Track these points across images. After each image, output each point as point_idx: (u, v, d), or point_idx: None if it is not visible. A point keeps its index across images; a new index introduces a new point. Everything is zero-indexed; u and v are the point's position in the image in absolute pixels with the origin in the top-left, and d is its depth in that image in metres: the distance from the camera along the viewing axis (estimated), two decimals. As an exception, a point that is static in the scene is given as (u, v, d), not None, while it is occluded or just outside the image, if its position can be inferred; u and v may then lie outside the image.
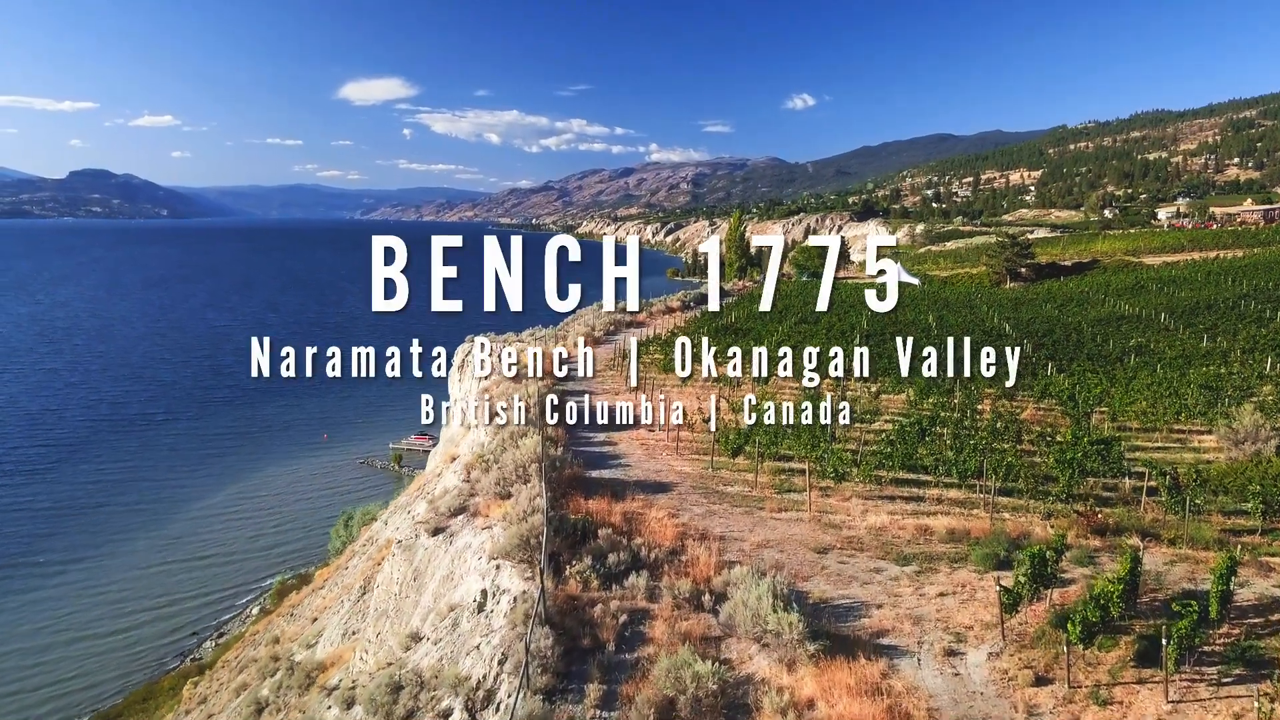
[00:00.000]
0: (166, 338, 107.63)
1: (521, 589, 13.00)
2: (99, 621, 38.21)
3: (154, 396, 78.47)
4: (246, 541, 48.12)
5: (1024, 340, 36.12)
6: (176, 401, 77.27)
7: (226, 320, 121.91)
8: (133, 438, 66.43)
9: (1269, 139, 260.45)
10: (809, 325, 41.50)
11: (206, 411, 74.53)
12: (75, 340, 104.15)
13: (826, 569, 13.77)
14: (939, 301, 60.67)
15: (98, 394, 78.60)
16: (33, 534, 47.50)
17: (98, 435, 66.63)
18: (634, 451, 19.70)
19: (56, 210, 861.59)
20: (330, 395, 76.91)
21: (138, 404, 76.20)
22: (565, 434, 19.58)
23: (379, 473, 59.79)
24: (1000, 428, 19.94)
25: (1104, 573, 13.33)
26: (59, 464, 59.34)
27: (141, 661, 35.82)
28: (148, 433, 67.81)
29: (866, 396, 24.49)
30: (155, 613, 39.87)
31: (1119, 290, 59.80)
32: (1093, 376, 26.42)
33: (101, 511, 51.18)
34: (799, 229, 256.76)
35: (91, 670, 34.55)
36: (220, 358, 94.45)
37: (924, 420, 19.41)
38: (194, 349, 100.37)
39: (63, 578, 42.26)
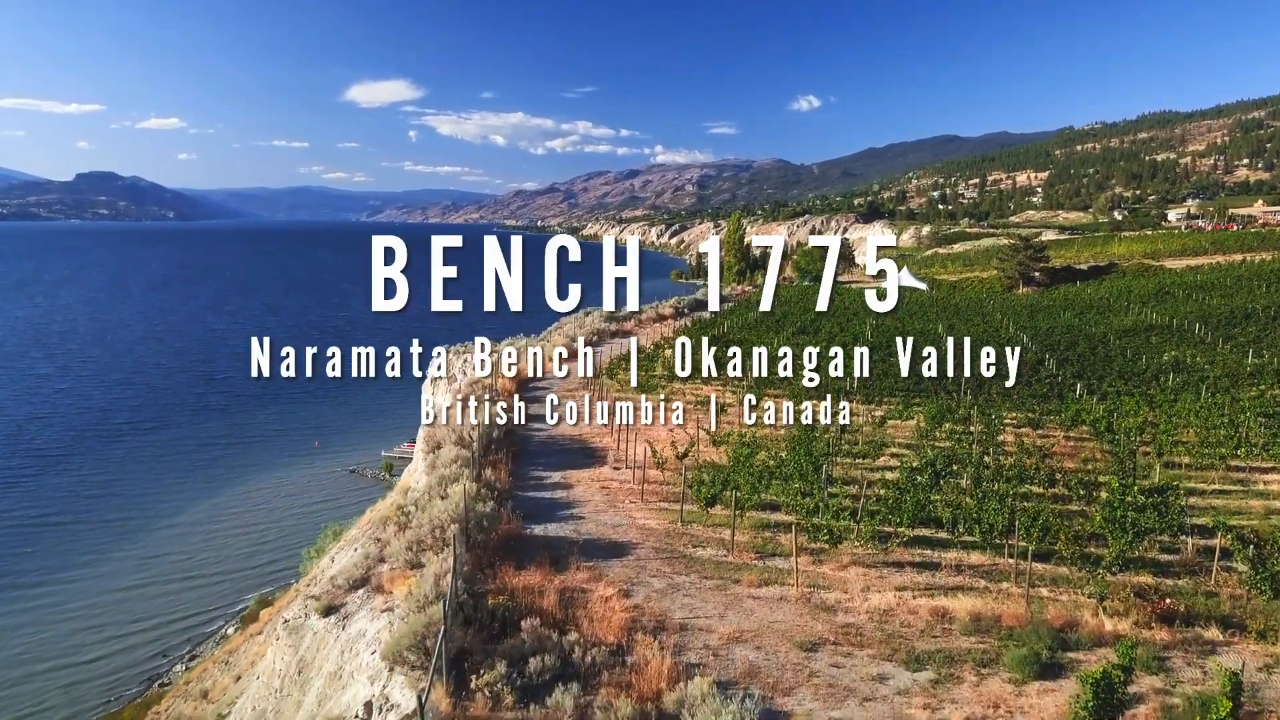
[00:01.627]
0: (163, 342, 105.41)
1: (411, 707, 9.82)
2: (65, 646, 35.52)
3: (144, 403, 76.06)
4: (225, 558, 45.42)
5: (1045, 353, 32.85)
6: (167, 408, 74.80)
7: (225, 323, 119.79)
8: (119, 447, 63.94)
9: (1279, 139, 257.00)
10: (808, 336, 38.28)
11: (197, 418, 72.01)
12: (70, 344, 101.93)
13: (815, 676, 10.53)
14: (948, 308, 57.50)
15: (87, 401, 76.11)
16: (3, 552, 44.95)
17: (83, 444, 64.10)
18: (592, 498, 16.56)
19: (63, 212, 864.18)
20: (326, 400, 74.44)
21: (127, 411, 73.72)
22: (510, 477, 16.48)
23: (370, 483, 57.07)
24: (1029, 468, 16.66)
25: (1180, 686, 10.10)
26: (39, 475, 56.77)
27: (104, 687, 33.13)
28: (135, 441, 65.32)
29: (870, 424, 21.37)
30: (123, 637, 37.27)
31: (1143, 296, 56.47)
32: (1129, 400, 23.32)
33: (79, 526, 48.65)
34: (803, 231, 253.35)
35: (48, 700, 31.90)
36: (216, 362, 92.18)
37: (939, 460, 16.14)
38: (189, 353, 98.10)
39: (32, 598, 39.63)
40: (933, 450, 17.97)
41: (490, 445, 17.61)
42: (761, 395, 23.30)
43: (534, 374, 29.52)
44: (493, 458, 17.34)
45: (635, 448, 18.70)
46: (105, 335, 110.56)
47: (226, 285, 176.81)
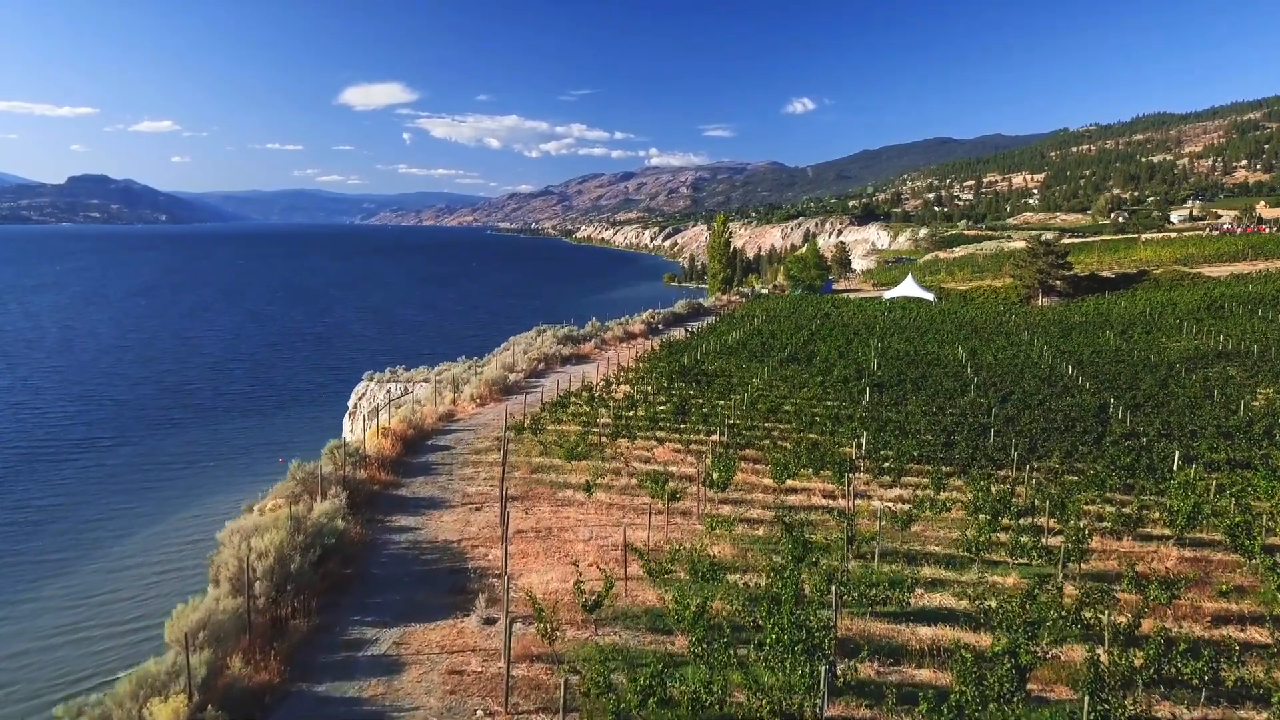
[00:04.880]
0: (132, 350, 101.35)
1: None
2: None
3: (103, 418, 72.10)
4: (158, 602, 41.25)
5: (1104, 391, 27.97)
6: (127, 423, 70.81)
7: (202, 331, 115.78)
8: (69, 466, 59.90)
9: (1277, 140, 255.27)
10: (799, 366, 34.01)
11: (156, 434, 68.06)
12: (36, 354, 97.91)
13: None
14: (964, 325, 51.95)
15: (42, 415, 72.08)
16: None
17: (30, 465, 59.99)
18: (423, 702, 9.74)
19: (55, 215, 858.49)
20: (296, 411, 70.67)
21: (82, 427, 69.71)
22: (282, 670, 10.08)
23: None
24: (1171, 648, 9.45)
25: None
26: (-24, 501, 52.65)
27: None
28: (88, 460, 61.25)
29: (886, 516, 14.91)
30: (41, 690, 33.28)
31: (1191, 311, 50.89)
32: (1256, 476, 17.27)
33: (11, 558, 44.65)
34: (798, 233, 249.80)
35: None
36: (186, 372, 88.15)
37: (1020, 648, 8.64)
38: (159, 362, 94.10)
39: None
40: (1005, 608, 10.60)
41: (288, 584, 11.67)
42: (734, 464, 17.62)
43: (446, 417, 24.87)
44: (283, 610, 11.46)
45: (533, 575, 13.10)
46: (73, 344, 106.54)
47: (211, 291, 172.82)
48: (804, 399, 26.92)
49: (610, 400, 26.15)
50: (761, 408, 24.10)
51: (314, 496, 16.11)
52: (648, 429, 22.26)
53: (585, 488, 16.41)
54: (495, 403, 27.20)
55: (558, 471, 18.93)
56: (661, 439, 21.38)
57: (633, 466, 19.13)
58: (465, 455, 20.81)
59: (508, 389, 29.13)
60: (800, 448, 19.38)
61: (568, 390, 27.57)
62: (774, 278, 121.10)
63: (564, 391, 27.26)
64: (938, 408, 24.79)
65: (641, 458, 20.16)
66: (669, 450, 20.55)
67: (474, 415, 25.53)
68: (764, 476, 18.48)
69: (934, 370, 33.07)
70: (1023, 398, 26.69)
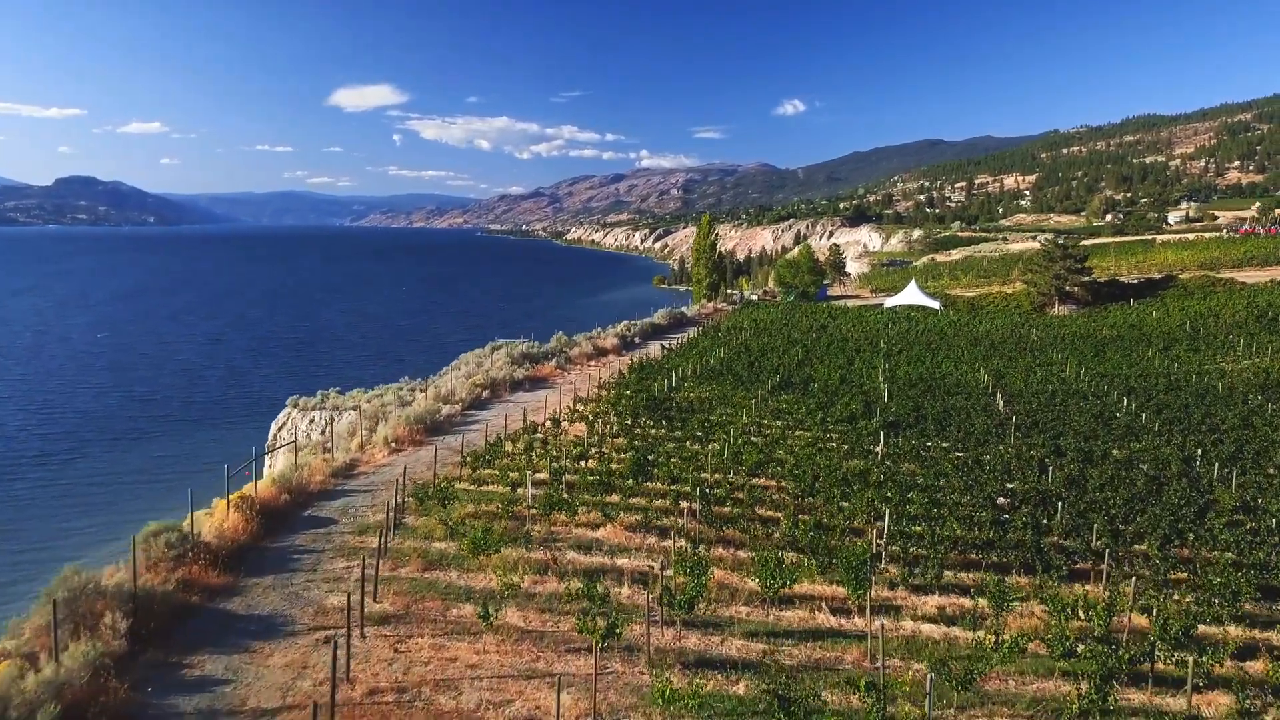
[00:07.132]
0: (103, 357, 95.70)
1: None
2: None
3: (64, 430, 66.62)
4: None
5: (1173, 431, 22.56)
6: (88, 436, 65.16)
7: (180, 335, 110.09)
8: (20, 483, 54.30)
9: (1269, 142, 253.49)
10: (793, 395, 28.54)
11: (118, 447, 62.41)
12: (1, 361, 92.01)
13: None
14: (979, 340, 46.26)
15: (-2, 427, 66.40)
16: None
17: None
18: None
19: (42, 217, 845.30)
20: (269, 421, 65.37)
21: (40, 440, 64.12)
22: None
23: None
24: None
25: None
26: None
27: None
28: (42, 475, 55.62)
29: (929, 665, 9.65)
30: None
31: (1236, 323, 45.77)
32: None
33: None
34: (789, 235, 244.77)
35: None
36: (158, 379, 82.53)
37: None
38: (132, 369, 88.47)
39: None
40: None
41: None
42: (706, 565, 12.29)
43: (345, 470, 19.66)
44: None
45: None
46: (43, 351, 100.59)
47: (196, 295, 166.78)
48: (801, 443, 21.64)
49: (556, 446, 20.73)
50: (747, 460, 18.73)
51: (78, 633, 10.77)
52: (597, 493, 16.92)
53: (483, 612, 11.07)
54: (415, 447, 21.69)
55: (460, 568, 13.61)
56: (613, 510, 15.90)
57: (566, 562, 13.80)
58: (346, 535, 15.46)
59: (435, 427, 23.60)
60: (799, 529, 14.15)
61: (502, 432, 22.14)
62: (765, 281, 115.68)
63: (498, 434, 21.83)
64: (974, 460, 19.41)
65: (583, 541, 14.82)
66: (620, 529, 15.17)
67: (381, 467, 20.06)
68: (748, 575, 13.23)
69: (956, 401, 27.65)
70: (1078, 444, 21.17)
